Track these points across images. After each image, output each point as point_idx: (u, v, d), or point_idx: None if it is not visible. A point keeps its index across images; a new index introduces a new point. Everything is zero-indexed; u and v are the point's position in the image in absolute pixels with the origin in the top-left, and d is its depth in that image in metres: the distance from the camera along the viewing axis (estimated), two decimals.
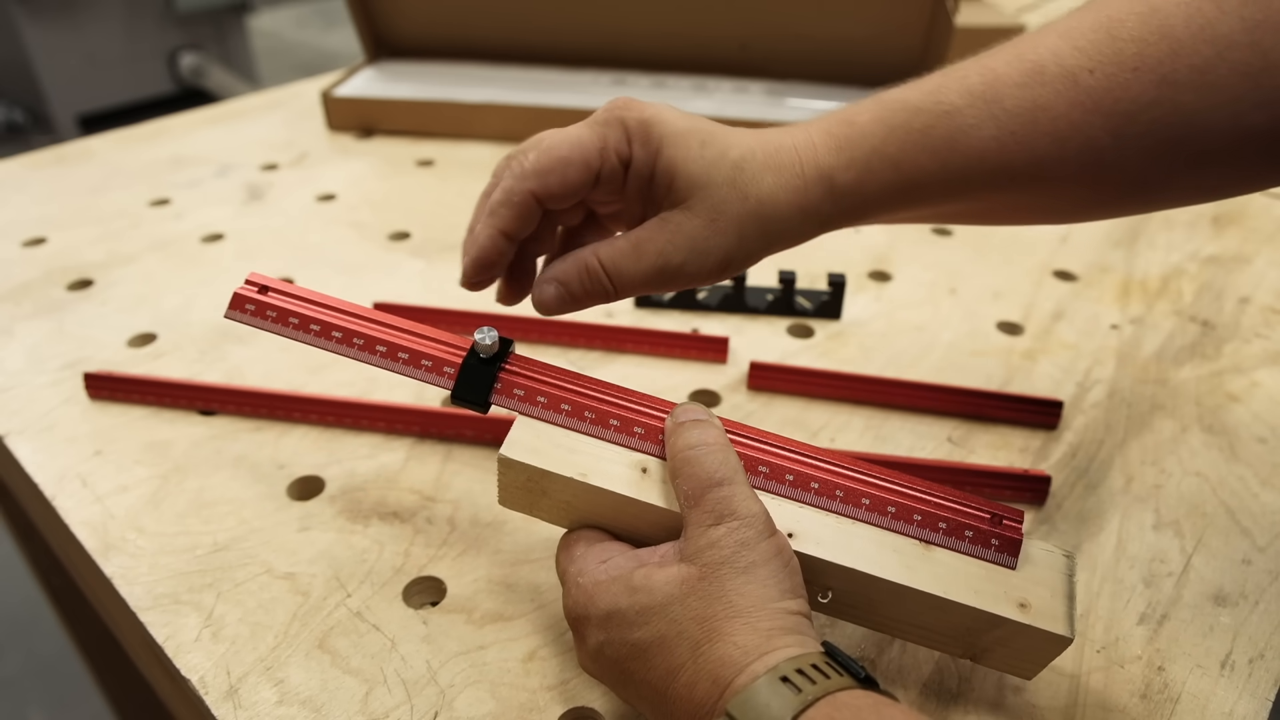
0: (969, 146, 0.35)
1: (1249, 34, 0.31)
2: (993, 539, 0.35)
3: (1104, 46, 0.33)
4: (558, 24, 0.94)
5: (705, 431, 0.34)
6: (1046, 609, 0.33)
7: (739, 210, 0.36)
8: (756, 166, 0.36)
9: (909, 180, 0.36)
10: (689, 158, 0.35)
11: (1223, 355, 0.60)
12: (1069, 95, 0.34)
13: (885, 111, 0.36)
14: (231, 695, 0.37)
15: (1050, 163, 0.34)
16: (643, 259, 0.36)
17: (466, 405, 0.37)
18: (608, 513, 0.35)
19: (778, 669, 0.28)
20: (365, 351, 0.38)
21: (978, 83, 0.35)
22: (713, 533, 0.32)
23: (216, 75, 2.73)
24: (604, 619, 0.32)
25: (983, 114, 0.35)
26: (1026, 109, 0.34)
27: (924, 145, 0.35)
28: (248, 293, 0.39)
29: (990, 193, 0.36)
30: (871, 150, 0.36)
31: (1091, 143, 0.34)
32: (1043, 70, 0.34)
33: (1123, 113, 0.33)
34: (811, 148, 0.36)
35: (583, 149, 0.35)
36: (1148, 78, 0.32)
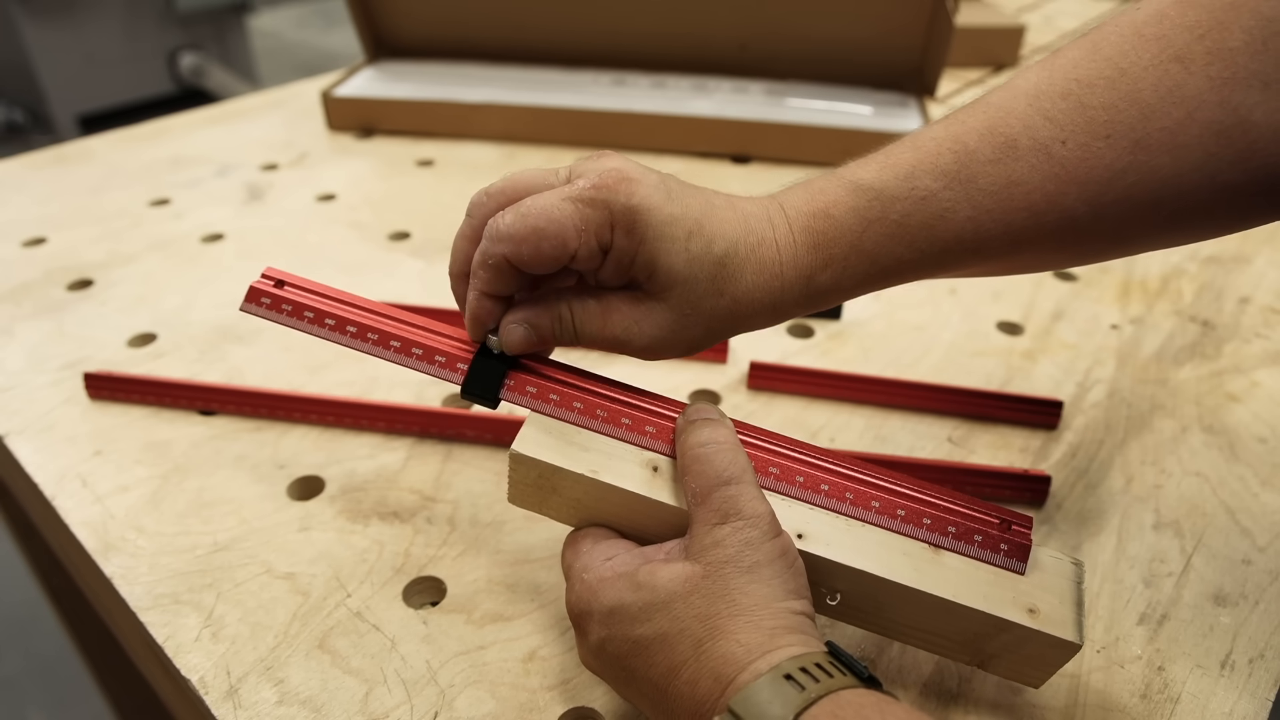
0: (945, 230, 0.35)
1: (1217, 92, 0.31)
2: (1002, 544, 0.35)
3: (1075, 115, 0.33)
4: (558, 24, 0.94)
5: (715, 430, 0.35)
6: (1055, 615, 0.33)
7: (712, 306, 0.35)
8: (739, 263, 0.35)
9: (884, 270, 0.36)
10: (673, 251, 0.34)
11: (1223, 355, 0.60)
12: (1043, 169, 0.33)
13: (861, 201, 0.35)
14: (231, 695, 0.37)
15: (1026, 235, 0.34)
16: (607, 328, 0.36)
17: (476, 400, 0.37)
18: (617, 511, 0.35)
19: (780, 667, 0.28)
20: (379, 346, 0.38)
21: (951, 162, 0.35)
22: (718, 531, 0.32)
23: (216, 75, 2.73)
24: (607, 615, 0.32)
25: (958, 195, 0.34)
26: (1001, 186, 0.34)
27: (901, 236, 0.35)
28: (264, 286, 0.39)
29: (966, 266, 0.37)
30: (850, 247, 0.35)
31: (1067, 213, 0.34)
32: (1015, 145, 0.34)
33: (1097, 180, 0.33)
34: (791, 245, 0.36)
35: (560, 226, 0.33)
36: (1120, 144, 0.32)
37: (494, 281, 0.35)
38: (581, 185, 0.34)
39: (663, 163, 0.85)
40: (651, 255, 0.34)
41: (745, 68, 0.93)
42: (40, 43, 2.48)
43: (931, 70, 0.87)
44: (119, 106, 2.70)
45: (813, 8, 0.87)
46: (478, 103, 0.87)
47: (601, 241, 0.34)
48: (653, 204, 0.34)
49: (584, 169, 0.35)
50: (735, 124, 0.85)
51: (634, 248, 0.34)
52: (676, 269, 0.34)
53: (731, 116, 0.85)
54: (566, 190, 0.34)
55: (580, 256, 0.34)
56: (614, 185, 0.34)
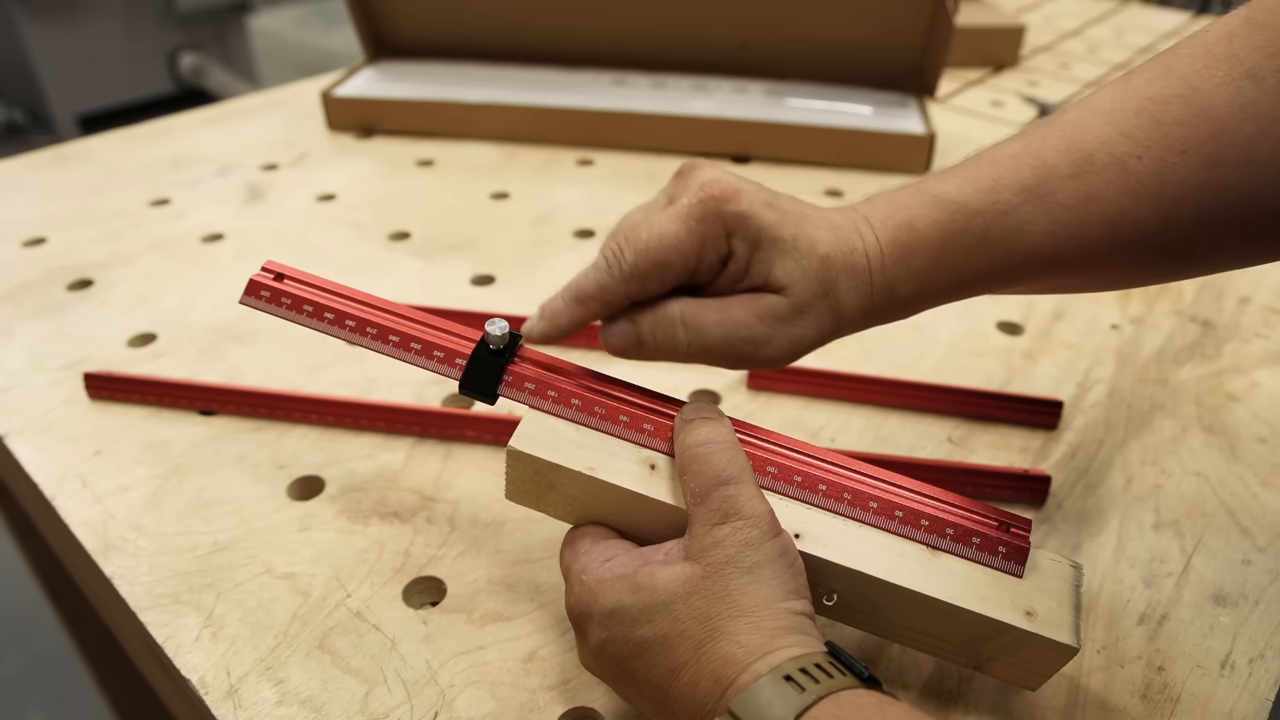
0: (1023, 243, 0.35)
1: None
2: (1000, 546, 0.35)
3: (1150, 131, 0.34)
4: (558, 24, 0.94)
5: (714, 429, 0.35)
6: (1053, 618, 0.33)
7: (821, 306, 0.36)
8: (838, 268, 0.36)
9: (963, 281, 0.37)
10: (784, 253, 0.36)
11: (1223, 355, 0.60)
12: (1119, 183, 0.34)
13: (944, 215, 0.36)
14: (231, 695, 0.37)
15: (1102, 249, 0.35)
16: (727, 324, 0.36)
17: (475, 396, 0.37)
18: (614, 509, 0.35)
19: (781, 668, 0.28)
20: (378, 341, 0.38)
21: (1030, 177, 0.35)
22: (717, 532, 0.32)
23: (216, 75, 2.73)
24: (606, 617, 0.32)
25: (1037, 209, 0.35)
26: (1079, 200, 0.35)
27: (981, 249, 0.36)
28: (264, 280, 0.39)
29: (1042, 279, 0.37)
30: (932, 260, 0.36)
31: (1142, 227, 0.34)
32: (1092, 159, 0.34)
33: (1172, 195, 0.33)
34: (879, 256, 0.37)
35: (682, 252, 0.35)
36: (1195, 159, 0.33)
37: (604, 311, 0.36)
38: (687, 202, 0.35)
39: (663, 163, 0.85)
40: (768, 260, 0.35)
41: (745, 68, 0.93)
42: (40, 43, 2.48)
43: (931, 70, 0.87)
44: (119, 106, 2.70)
45: (813, 8, 0.87)
46: (478, 103, 0.87)
47: (719, 253, 0.36)
48: (757, 209, 0.35)
49: (683, 187, 0.36)
50: (735, 124, 0.85)
51: (749, 253, 0.35)
52: (791, 270, 0.36)
53: (731, 116, 0.85)
54: (674, 211, 0.35)
55: (702, 272, 0.36)
56: (719, 195, 0.35)
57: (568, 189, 0.80)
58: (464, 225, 0.74)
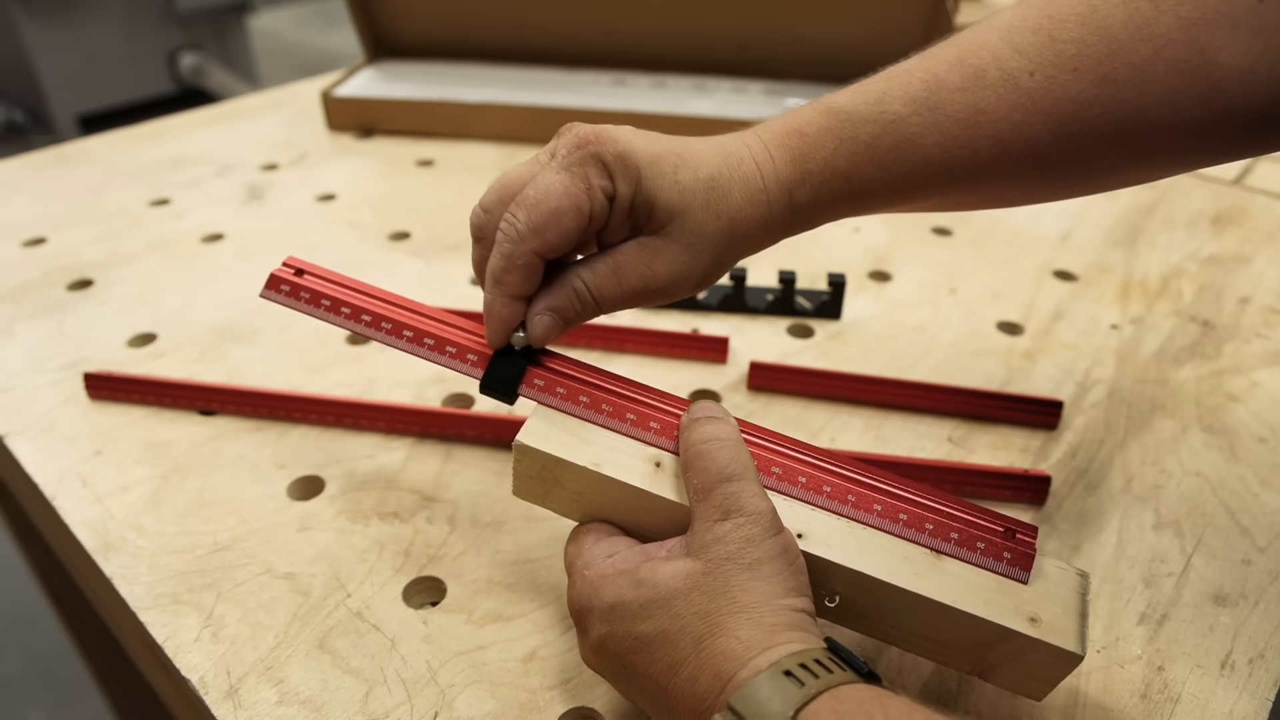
0: (914, 154, 0.36)
1: (1185, 31, 0.32)
2: (1005, 552, 0.34)
3: (1044, 49, 0.34)
4: (558, 24, 0.94)
5: (719, 427, 0.35)
6: (1057, 625, 0.33)
7: (714, 229, 0.36)
8: (725, 183, 0.36)
9: (858, 188, 0.37)
10: (665, 185, 0.36)
11: (1223, 355, 0.60)
12: (1010, 99, 0.34)
13: (833, 122, 0.37)
14: (231, 695, 0.37)
15: (994, 164, 0.35)
16: (624, 282, 0.36)
17: (495, 395, 0.38)
18: (619, 505, 0.35)
19: (780, 663, 0.28)
20: (393, 336, 0.39)
21: (920, 89, 0.36)
22: (719, 528, 0.32)
23: (216, 75, 2.73)
24: (608, 612, 0.32)
25: (926, 122, 0.35)
26: (968, 114, 0.35)
27: (871, 156, 0.36)
28: (284, 274, 0.40)
29: (938, 193, 0.37)
30: (823, 163, 0.37)
31: (1034, 143, 0.34)
32: (984, 74, 0.35)
33: (1063, 113, 0.34)
34: (769, 160, 0.37)
35: (572, 197, 0.34)
36: (1087, 78, 0.33)
37: (523, 282, 0.36)
38: (565, 153, 0.35)
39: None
40: (649, 193, 0.35)
41: (745, 68, 0.93)
42: (40, 43, 2.48)
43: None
44: (119, 106, 2.70)
45: (812, 8, 0.87)
46: (478, 103, 0.87)
47: (606, 193, 0.35)
48: (636, 146, 0.36)
49: (558, 144, 0.36)
50: (735, 124, 0.84)
51: (632, 189, 0.35)
52: (672, 201, 0.36)
53: (731, 116, 0.85)
54: (554, 164, 0.35)
55: (595, 215, 0.35)
56: (595, 139, 0.35)
57: None
58: (464, 225, 0.73)
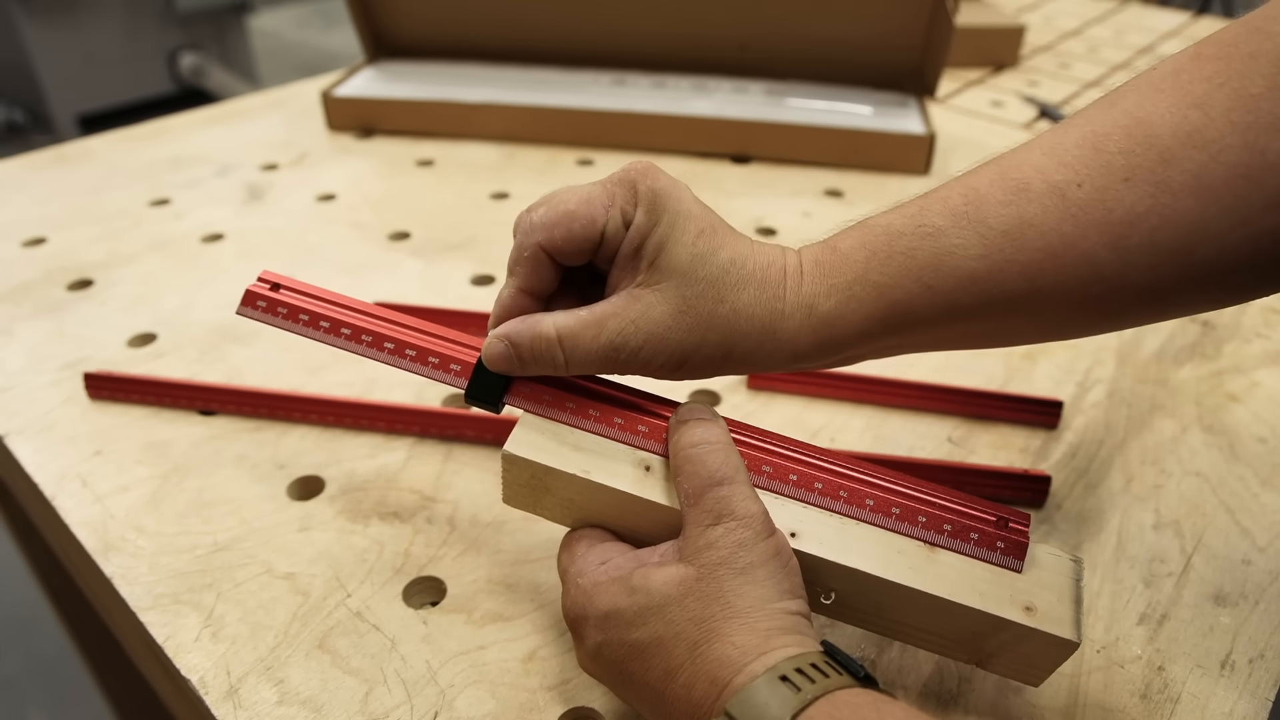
0: (956, 268, 0.33)
1: (1241, 136, 0.30)
2: (999, 542, 0.35)
3: (1090, 160, 0.32)
4: (558, 24, 0.94)
5: (708, 430, 0.34)
6: (1053, 613, 0.33)
7: (709, 311, 0.34)
8: (742, 275, 0.35)
9: (893, 306, 0.35)
10: (682, 241, 0.34)
11: (1223, 355, 0.60)
12: (1059, 210, 0.32)
13: (868, 236, 0.35)
14: (231, 695, 0.37)
15: (1046, 280, 0.33)
16: (601, 335, 0.34)
17: (480, 405, 0.37)
18: (610, 511, 0.35)
19: (776, 668, 0.28)
20: (374, 349, 0.38)
21: (960, 204, 0.34)
22: (711, 533, 0.32)
23: (216, 75, 2.73)
24: (602, 620, 0.32)
25: (968, 234, 0.33)
26: (1013, 226, 0.33)
27: (908, 269, 0.34)
28: (260, 290, 0.39)
29: (985, 317, 0.35)
30: (855, 277, 0.35)
31: (1088, 257, 0.32)
32: (1028, 187, 0.33)
33: (1118, 222, 0.31)
34: (798, 274, 0.35)
35: (589, 204, 0.34)
36: (1141, 187, 0.31)
37: (530, 275, 0.35)
38: (612, 173, 0.36)
39: (663, 163, 0.85)
40: (662, 239, 0.34)
41: (745, 68, 0.93)
42: (40, 43, 2.48)
43: (931, 70, 0.87)
44: (119, 106, 2.70)
45: (813, 8, 0.87)
46: (478, 103, 0.87)
47: (626, 217, 0.35)
48: (678, 194, 0.35)
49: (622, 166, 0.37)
50: (735, 124, 0.85)
51: (649, 227, 0.35)
52: (680, 258, 0.34)
53: (731, 116, 0.85)
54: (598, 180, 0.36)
55: (608, 234, 0.35)
56: (643, 170, 0.35)
57: None
58: (464, 225, 0.74)
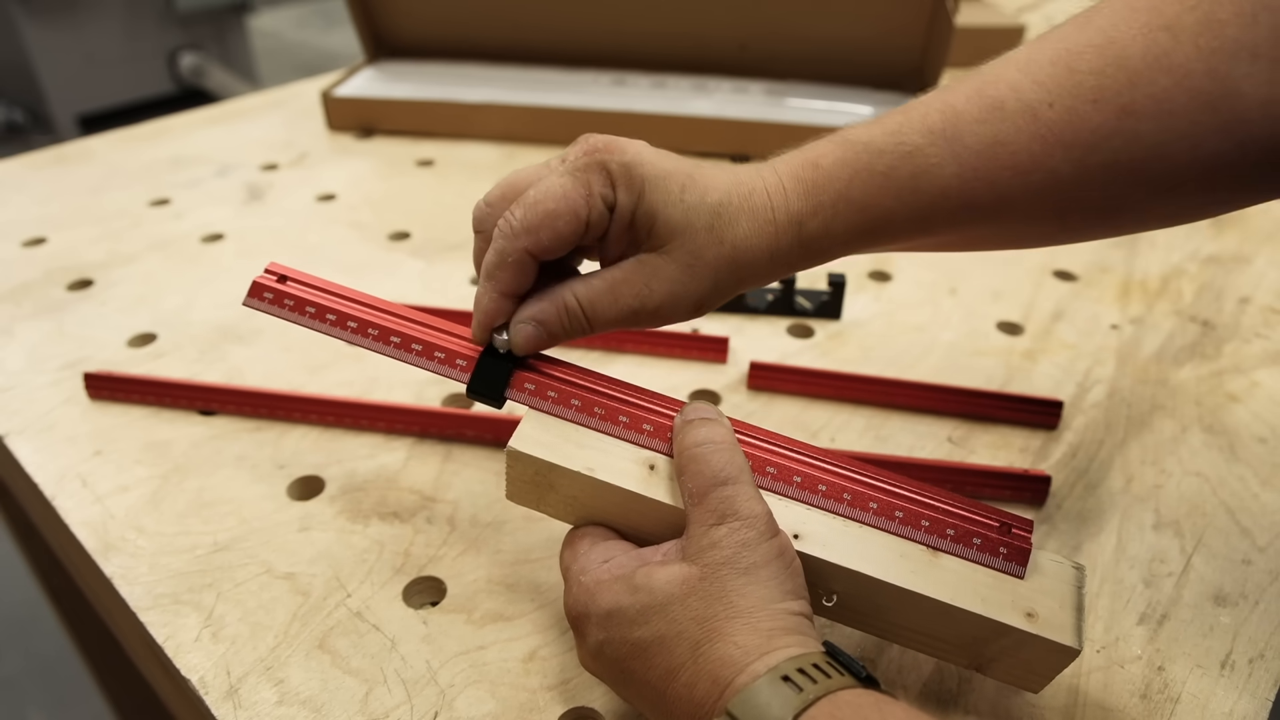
0: (931, 185, 0.35)
1: (1205, 61, 0.31)
2: (1001, 547, 0.35)
3: (1063, 80, 0.33)
4: (558, 24, 0.94)
5: (713, 430, 0.34)
6: (1054, 619, 0.33)
7: (715, 255, 0.36)
8: (733, 211, 0.36)
9: (874, 221, 0.36)
10: (669, 202, 0.35)
11: (1223, 355, 0.60)
12: (1029, 129, 0.34)
13: (849, 153, 0.36)
14: (231, 695, 0.37)
15: (1014, 196, 0.35)
16: (619, 300, 0.36)
17: (482, 400, 0.37)
18: (614, 509, 0.35)
19: (779, 668, 0.28)
20: (379, 342, 0.38)
21: (938, 121, 0.35)
22: (714, 532, 0.32)
23: (216, 75, 2.73)
24: (604, 618, 0.32)
25: (944, 152, 0.35)
26: (987, 145, 0.34)
27: (887, 187, 0.36)
28: (267, 281, 0.39)
29: (956, 228, 0.37)
30: (837, 195, 0.36)
31: (1054, 175, 0.34)
32: (1002, 106, 0.34)
33: (1083, 144, 0.33)
34: (781, 192, 0.36)
35: (569, 200, 0.34)
36: (1107, 109, 0.33)
37: (513, 280, 0.36)
38: (573, 158, 0.35)
39: None
40: (651, 207, 0.35)
41: (745, 68, 0.93)
42: (40, 43, 2.48)
43: (931, 70, 0.87)
44: (119, 106, 2.70)
45: (813, 8, 0.87)
46: (478, 103, 0.87)
47: (606, 201, 0.35)
48: (645, 159, 0.35)
49: (570, 150, 0.36)
50: (735, 124, 0.85)
51: (634, 201, 0.35)
52: (675, 219, 0.35)
53: (731, 116, 0.85)
54: (561, 168, 0.35)
55: (592, 223, 0.35)
56: (605, 148, 0.35)
57: None
58: (464, 225, 0.73)
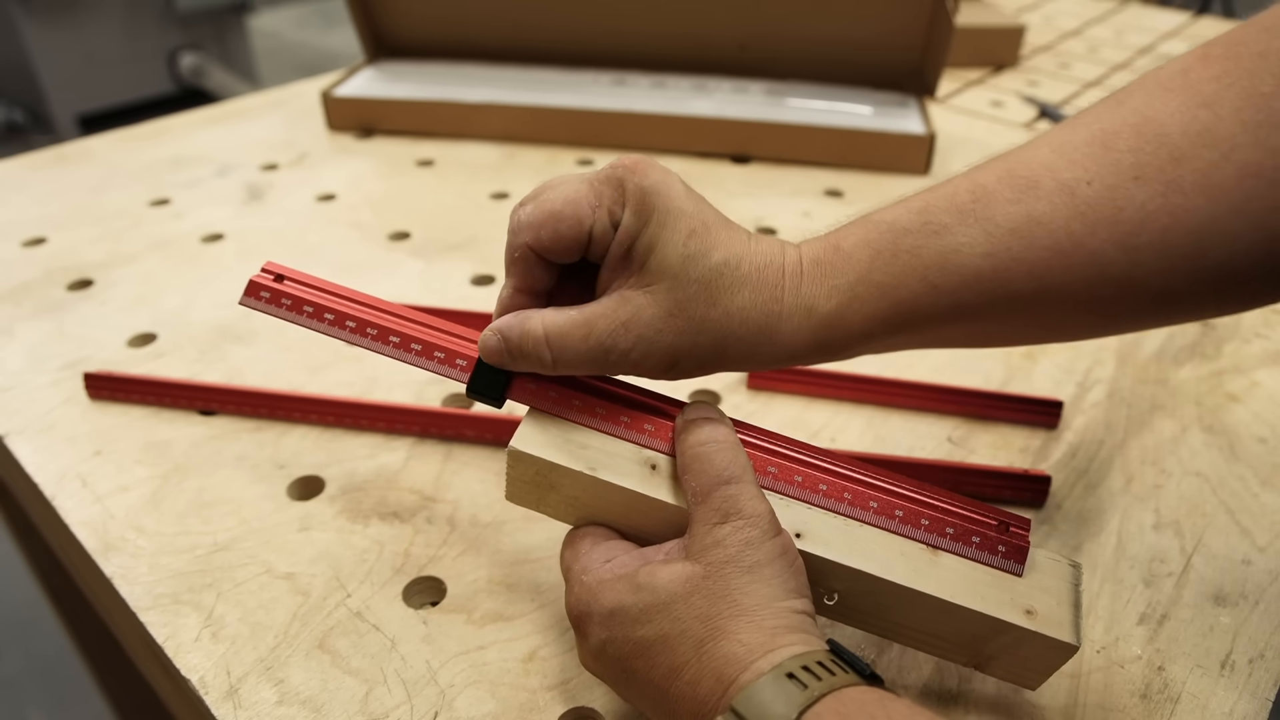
0: (961, 266, 0.33)
1: (1252, 135, 0.30)
2: (1000, 545, 0.35)
3: (1100, 158, 0.31)
4: (558, 24, 0.94)
5: (715, 429, 0.34)
6: (1052, 616, 0.33)
7: (701, 315, 0.34)
8: (737, 277, 0.34)
9: (897, 306, 0.34)
10: (672, 241, 0.33)
11: (1223, 355, 0.60)
12: (1068, 206, 0.31)
13: (872, 233, 0.34)
14: (231, 695, 0.37)
15: (1053, 280, 0.32)
16: (589, 338, 0.34)
17: (482, 399, 0.37)
18: (615, 509, 0.35)
19: (783, 666, 0.28)
20: (378, 342, 0.38)
21: (967, 200, 0.33)
22: (718, 531, 0.32)
23: (216, 75, 2.73)
24: (607, 617, 0.32)
25: (975, 232, 0.32)
26: (1021, 223, 0.32)
27: (912, 268, 0.33)
28: (264, 280, 0.39)
29: (989, 317, 0.34)
30: (857, 277, 0.34)
31: (1096, 256, 0.31)
32: (1036, 185, 0.32)
33: (1127, 220, 0.31)
34: (798, 274, 0.34)
35: (575, 204, 0.33)
36: (1151, 186, 0.30)
37: (521, 275, 0.35)
38: (601, 169, 0.35)
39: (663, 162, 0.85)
40: (652, 240, 0.33)
41: (745, 68, 0.93)
42: (40, 43, 2.48)
43: (931, 70, 0.87)
44: (119, 106, 2.70)
45: (813, 8, 0.87)
46: (478, 103, 0.87)
47: (614, 217, 0.34)
48: (665, 191, 0.34)
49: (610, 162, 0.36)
50: (735, 124, 0.85)
51: (638, 227, 0.33)
52: (671, 260, 0.33)
53: (731, 116, 0.85)
54: (586, 174, 0.35)
55: (596, 235, 0.34)
56: (631, 165, 0.34)
57: None
58: (464, 225, 0.74)
